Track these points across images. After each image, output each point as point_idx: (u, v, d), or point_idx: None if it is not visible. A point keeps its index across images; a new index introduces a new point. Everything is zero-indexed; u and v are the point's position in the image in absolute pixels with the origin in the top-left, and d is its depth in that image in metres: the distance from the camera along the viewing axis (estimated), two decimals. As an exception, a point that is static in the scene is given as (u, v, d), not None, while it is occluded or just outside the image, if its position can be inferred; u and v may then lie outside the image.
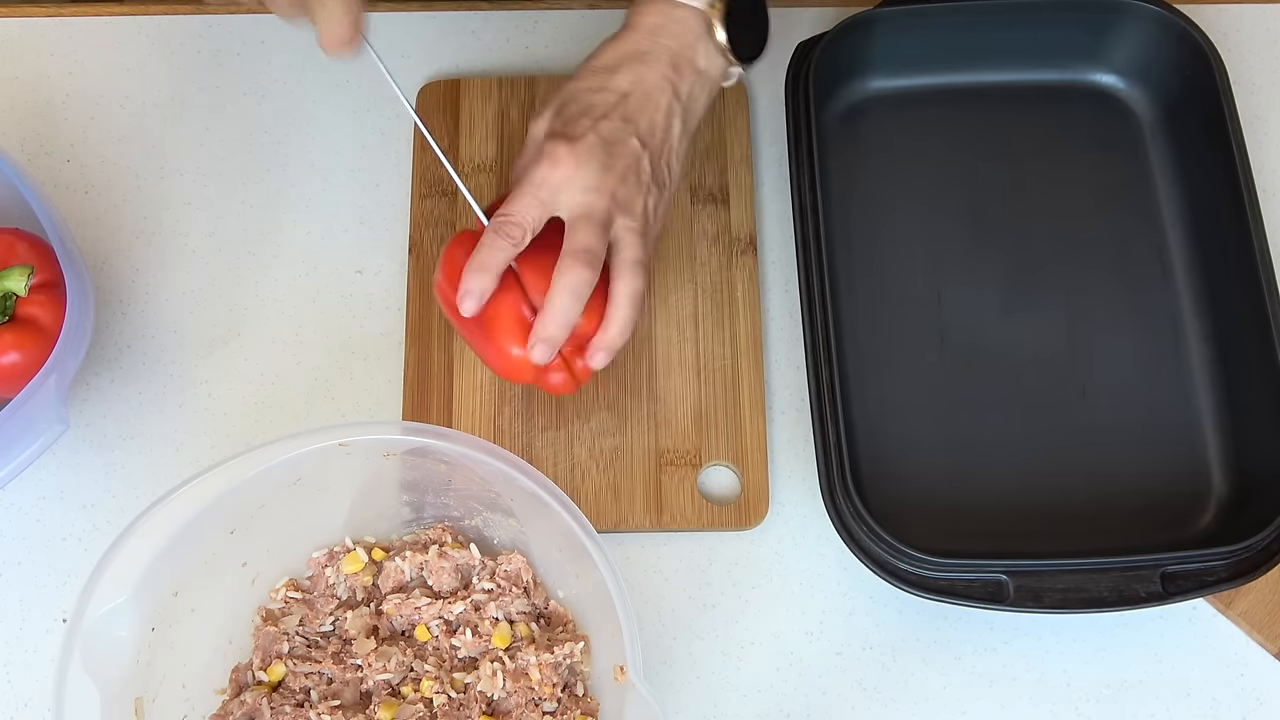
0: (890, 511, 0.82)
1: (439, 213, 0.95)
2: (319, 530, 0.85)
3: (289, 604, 0.84)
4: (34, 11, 1.02)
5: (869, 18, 0.93)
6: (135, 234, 0.95)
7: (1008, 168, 0.96)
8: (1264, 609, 0.85)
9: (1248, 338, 0.86)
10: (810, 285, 0.87)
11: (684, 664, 0.84)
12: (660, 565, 0.87)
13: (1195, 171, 0.93)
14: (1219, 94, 0.90)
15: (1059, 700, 0.83)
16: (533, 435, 0.89)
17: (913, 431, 0.88)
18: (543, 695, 0.80)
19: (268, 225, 0.96)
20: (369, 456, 0.82)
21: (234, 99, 0.99)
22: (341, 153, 0.98)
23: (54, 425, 0.82)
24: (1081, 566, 0.80)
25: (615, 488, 0.88)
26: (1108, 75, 0.98)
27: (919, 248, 0.93)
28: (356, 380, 0.91)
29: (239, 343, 0.92)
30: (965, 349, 0.90)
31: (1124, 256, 0.93)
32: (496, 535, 0.86)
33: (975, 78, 0.98)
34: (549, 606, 0.84)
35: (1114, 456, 0.87)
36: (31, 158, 0.97)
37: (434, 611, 0.82)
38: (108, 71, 1.00)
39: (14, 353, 0.82)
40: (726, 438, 0.89)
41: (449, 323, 0.91)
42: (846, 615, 0.86)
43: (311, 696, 0.82)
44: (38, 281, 0.84)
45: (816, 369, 0.85)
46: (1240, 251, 0.87)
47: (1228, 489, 0.86)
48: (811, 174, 0.89)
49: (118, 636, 0.76)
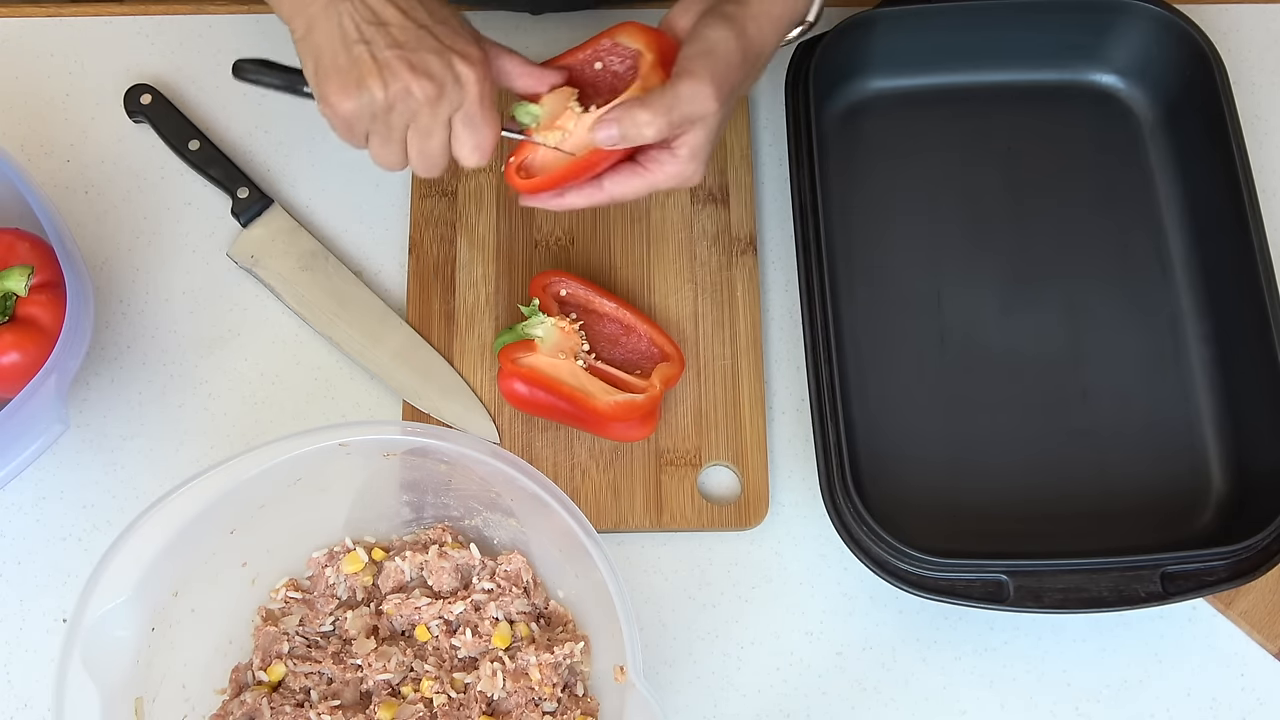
0: (890, 511, 0.82)
1: (439, 213, 0.95)
2: (319, 530, 0.85)
3: (289, 604, 0.84)
4: (34, 11, 1.02)
5: (869, 18, 0.93)
6: (135, 234, 0.95)
7: (1008, 168, 0.96)
8: (1264, 609, 0.85)
9: (1248, 338, 0.86)
10: (810, 285, 0.87)
11: (684, 664, 0.84)
12: (660, 565, 0.87)
13: (1195, 171, 0.93)
14: (1219, 94, 0.90)
15: (1059, 700, 0.83)
16: (533, 435, 0.89)
17: (913, 431, 0.88)
18: (543, 695, 0.80)
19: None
20: (369, 456, 0.82)
21: (234, 99, 0.99)
22: (341, 152, 0.98)
23: (54, 425, 0.82)
24: (1081, 566, 0.80)
25: (615, 488, 0.88)
26: (1108, 75, 0.98)
27: (919, 247, 0.93)
28: (356, 380, 0.91)
29: (239, 343, 0.92)
30: (965, 349, 0.90)
31: (1124, 256, 0.93)
32: (496, 535, 0.86)
33: (975, 78, 0.98)
34: (549, 606, 0.84)
35: (1114, 456, 0.87)
36: (31, 158, 0.97)
37: (434, 611, 0.82)
38: (108, 71, 1.00)
39: (14, 353, 0.82)
40: (726, 438, 0.89)
41: (447, 321, 0.91)
42: (846, 615, 0.86)
43: (311, 696, 0.82)
44: (38, 281, 0.84)
45: (816, 369, 0.85)
46: (1240, 251, 0.87)
47: (1228, 489, 0.86)
48: (811, 174, 0.89)
49: (118, 636, 0.76)
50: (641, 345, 0.89)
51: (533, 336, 0.86)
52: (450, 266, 0.93)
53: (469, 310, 0.92)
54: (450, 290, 0.93)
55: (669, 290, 0.93)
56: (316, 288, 0.92)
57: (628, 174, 0.79)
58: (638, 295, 0.93)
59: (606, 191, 0.79)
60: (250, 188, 0.95)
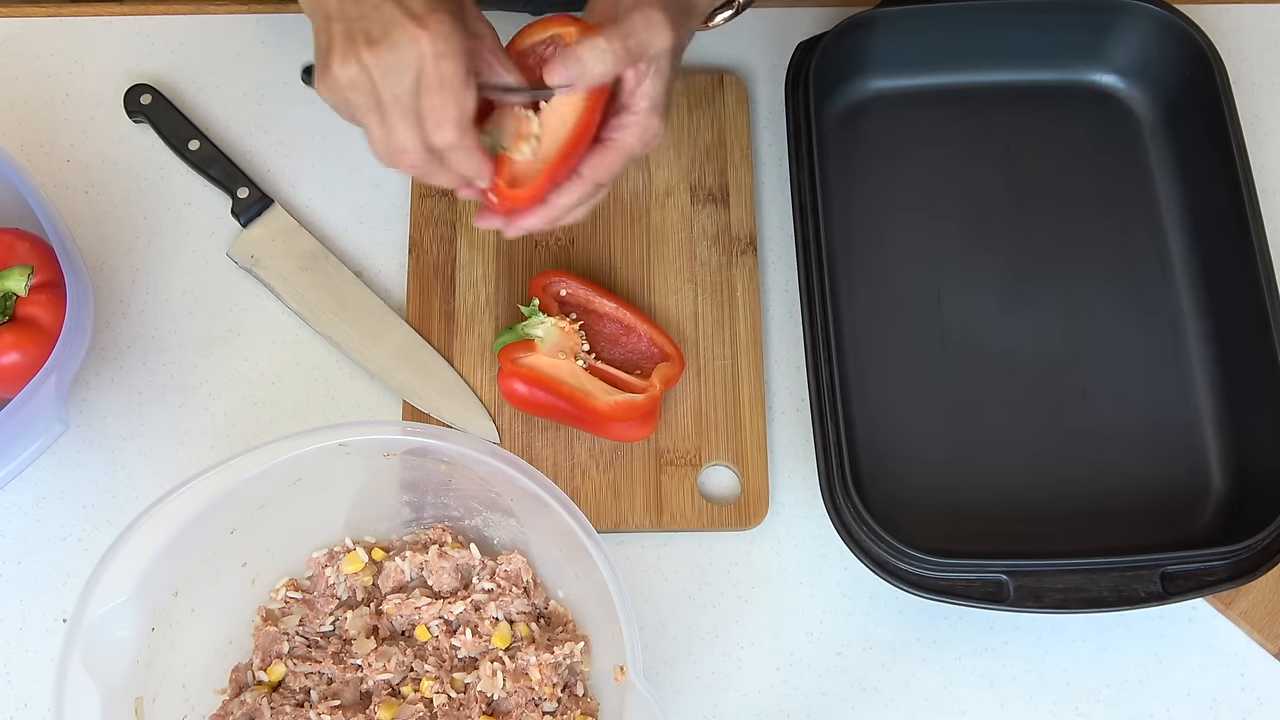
0: (890, 511, 0.82)
1: (439, 213, 0.95)
2: (319, 530, 0.85)
3: (289, 604, 0.84)
4: (34, 11, 1.02)
5: (869, 18, 0.93)
6: (135, 234, 0.95)
7: (1008, 168, 0.96)
8: (1264, 609, 0.85)
9: (1248, 338, 0.86)
10: (810, 285, 0.87)
11: (684, 664, 0.84)
12: (660, 565, 0.87)
13: (1195, 171, 0.93)
14: (1219, 94, 0.90)
15: (1059, 700, 0.83)
16: (533, 435, 0.89)
17: (913, 431, 0.88)
18: (543, 695, 0.80)
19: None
20: (369, 456, 0.82)
21: (234, 99, 0.99)
22: (341, 152, 0.98)
23: (54, 425, 0.82)
24: (1081, 566, 0.80)
25: (615, 488, 0.88)
26: (1108, 75, 0.98)
27: (919, 247, 0.93)
28: (356, 380, 0.91)
29: (239, 343, 0.92)
30: (965, 348, 0.90)
31: (1124, 256, 0.93)
32: (496, 535, 0.86)
33: (975, 78, 0.98)
34: (549, 606, 0.84)
35: (1114, 456, 0.87)
36: (31, 158, 0.97)
37: (434, 611, 0.82)
38: (108, 71, 1.00)
39: (14, 353, 0.82)
40: (726, 438, 0.89)
41: (447, 321, 0.91)
42: (846, 615, 0.86)
43: (311, 696, 0.82)
44: (38, 281, 0.84)
45: (816, 369, 0.85)
46: (1240, 251, 0.87)
47: (1228, 489, 0.86)
48: (811, 174, 0.89)
49: (118, 636, 0.76)
50: (641, 345, 0.89)
51: (533, 336, 0.86)
52: (450, 266, 0.93)
53: (469, 310, 0.92)
54: (450, 290, 0.93)
55: (669, 290, 0.93)
56: (316, 288, 0.92)
57: (598, 154, 0.75)
58: (638, 295, 0.93)
59: (587, 178, 0.76)
60: (250, 188, 0.95)
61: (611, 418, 0.85)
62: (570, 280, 0.89)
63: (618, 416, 0.85)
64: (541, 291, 0.89)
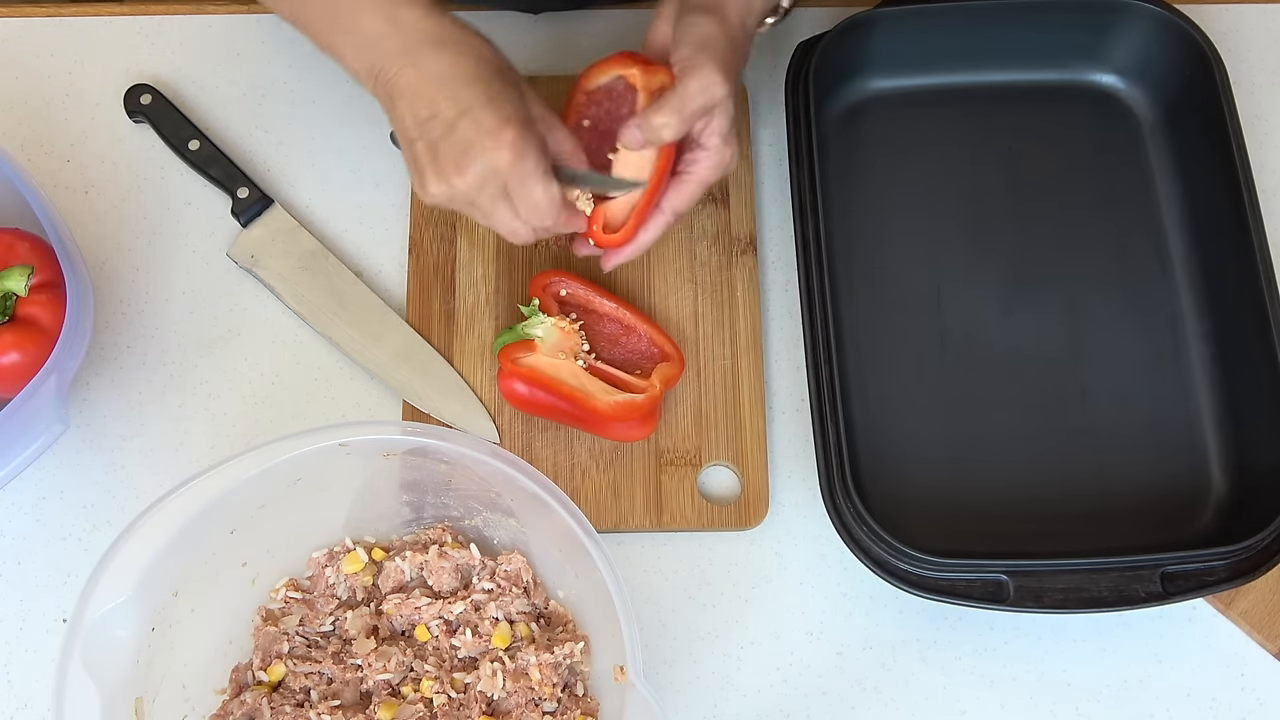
0: (890, 511, 0.82)
1: (439, 213, 0.95)
2: (319, 530, 0.85)
3: (289, 604, 0.84)
4: (34, 11, 1.02)
5: (869, 18, 0.93)
6: (135, 234, 0.95)
7: (1008, 168, 0.96)
8: (1264, 609, 0.85)
9: (1248, 338, 0.86)
10: (810, 285, 0.87)
11: (684, 664, 0.84)
12: (660, 565, 0.87)
13: (1195, 171, 0.93)
14: (1219, 94, 0.90)
15: (1059, 700, 0.83)
16: (533, 435, 0.89)
17: (913, 431, 0.88)
18: (543, 695, 0.80)
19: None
20: (369, 456, 0.82)
21: (234, 99, 0.99)
22: (341, 152, 0.98)
23: (54, 425, 0.82)
24: (1081, 566, 0.80)
25: (615, 488, 0.88)
26: (1108, 75, 0.98)
27: (919, 247, 0.93)
28: (356, 380, 0.91)
29: (239, 343, 0.92)
30: (965, 349, 0.90)
31: (1124, 256, 0.93)
32: (496, 535, 0.86)
33: (975, 78, 0.98)
34: (549, 606, 0.84)
35: (1114, 456, 0.87)
36: (31, 158, 0.97)
37: (434, 611, 0.82)
38: (107, 71, 1.00)
39: (14, 353, 0.82)
40: (726, 437, 0.89)
41: (447, 321, 0.91)
42: (846, 615, 0.86)
43: (311, 696, 0.82)
44: (38, 281, 0.84)
45: (816, 369, 0.85)
46: (1240, 251, 0.87)
47: (1228, 489, 0.86)
48: (811, 174, 0.89)
49: (118, 636, 0.76)
50: (641, 345, 0.89)
51: (533, 336, 0.86)
52: (450, 266, 0.93)
53: (469, 310, 0.92)
54: (450, 290, 0.93)
55: (669, 290, 0.93)
56: (316, 288, 0.92)
57: (676, 186, 0.82)
58: (638, 295, 0.93)
59: (668, 211, 0.83)
60: (250, 188, 0.95)
61: (611, 418, 0.85)
62: (570, 280, 0.89)
63: (618, 416, 0.85)
64: (541, 291, 0.89)
